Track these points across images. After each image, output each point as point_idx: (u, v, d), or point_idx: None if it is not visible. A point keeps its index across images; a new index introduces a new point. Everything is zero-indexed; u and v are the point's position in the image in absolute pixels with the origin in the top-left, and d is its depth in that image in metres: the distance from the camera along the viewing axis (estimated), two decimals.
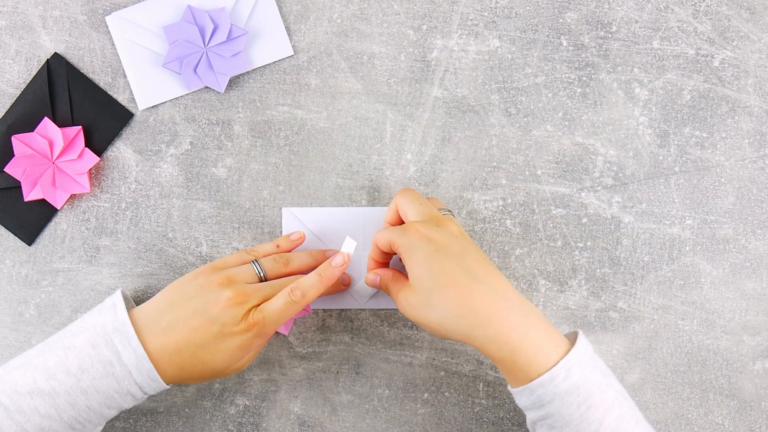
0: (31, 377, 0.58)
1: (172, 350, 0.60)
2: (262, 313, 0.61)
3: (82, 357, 0.58)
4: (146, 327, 0.60)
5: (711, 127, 0.71)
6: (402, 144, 0.72)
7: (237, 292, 0.61)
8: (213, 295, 0.61)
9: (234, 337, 0.60)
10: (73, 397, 0.58)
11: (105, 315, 0.60)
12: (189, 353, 0.60)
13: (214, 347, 0.60)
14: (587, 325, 0.71)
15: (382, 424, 0.71)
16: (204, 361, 0.61)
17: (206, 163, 0.71)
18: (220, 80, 0.70)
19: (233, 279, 0.62)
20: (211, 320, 0.60)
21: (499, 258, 0.71)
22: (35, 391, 0.58)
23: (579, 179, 0.71)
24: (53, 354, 0.59)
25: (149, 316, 0.61)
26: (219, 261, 0.65)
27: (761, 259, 0.71)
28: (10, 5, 0.71)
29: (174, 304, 0.61)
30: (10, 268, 0.71)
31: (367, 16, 0.72)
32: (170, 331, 0.60)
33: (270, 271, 0.64)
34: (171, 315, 0.60)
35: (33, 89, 0.70)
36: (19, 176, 0.69)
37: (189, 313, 0.60)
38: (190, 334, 0.60)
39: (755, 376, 0.71)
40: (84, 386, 0.58)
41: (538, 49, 0.72)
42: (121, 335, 0.59)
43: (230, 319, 0.60)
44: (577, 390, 0.56)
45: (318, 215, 0.71)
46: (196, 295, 0.61)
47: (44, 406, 0.58)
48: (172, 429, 0.71)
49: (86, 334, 0.59)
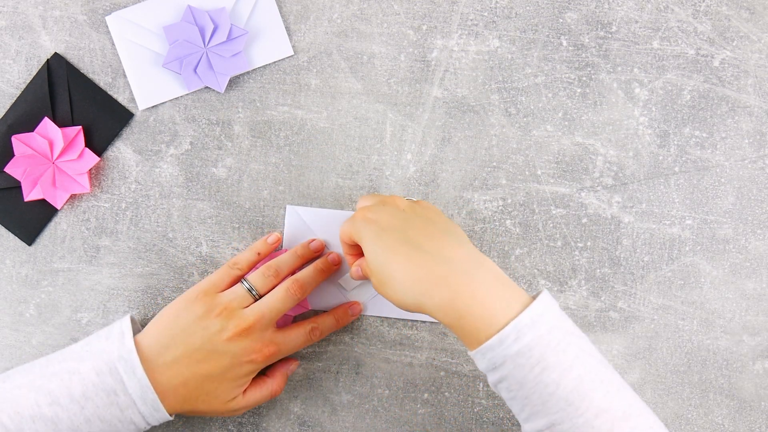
0: (33, 400, 0.58)
1: (178, 383, 0.61)
2: (277, 345, 0.64)
3: (86, 384, 0.58)
4: (151, 361, 0.60)
5: (711, 127, 0.72)
6: (402, 144, 0.72)
7: (239, 323, 0.62)
8: (216, 328, 0.62)
9: (243, 366, 0.63)
10: (75, 425, 0.58)
11: (112, 342, 0.61)
12: (195, 385, 0.61)
13: (222, 376, 0.62)
14: (587, 325, 0.71)
15: (382, 424, 0.71)
16: (208, 391, 0.62)
17: (206, 163, 0.71)
18: (220, 80, 0.70)
19: (230, 308, 0.63)
20: (218, 353, 0.61)
21: (499, 258, 0.71)
22: (38, 416, 0.58)
23: (579, 179, 0.71)
24: (57, 377, 0.59)
25: (152, 350, 0.61)
26: (207, 284, 0.65)
27: (761, 259, 0.71)
28: (10, 5, 0.71)
29: (175, 338, 0.62)
30: (10, 268, 0.71)
31: (367, 16, 0.72)
32: (176, 366, 0.61)
33: (262, 288, 0.65)
34: (175, 350, 0.61)
35: (33, 89, 0.70)
36: (19, 176, 0.69)
37: (194, 348, 0.61)
38: (197, 368, 0.61)
39: (755, 376, 0.71)
40: (87, 414, 0.58)
41: (538, 49, 0.72)
42: (126, 364, 0.59)
43: (239, 350, 0.62)
44: (530, 351, 0.53)
45: (321, 216, 0.71)
46: (197, 329, 0.62)
47: (46, 431, 0.58)
48: (172, 429, 0.71)
49: (91, 360, 0.59)
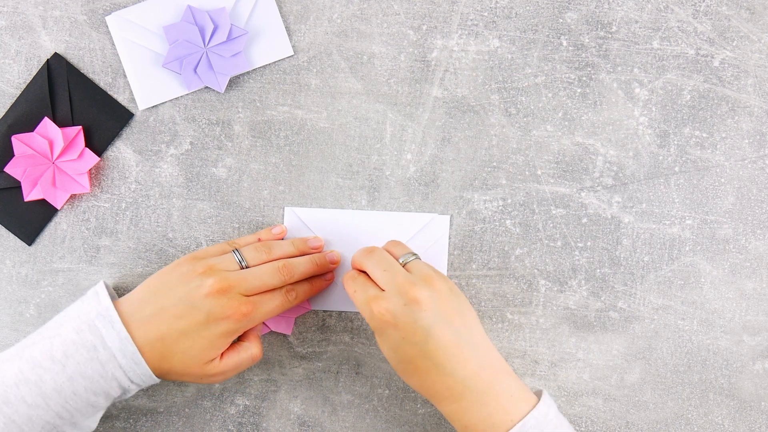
0: (17, 367, 0.59)
1: (155, 338, 0.61)
2: (253, 304, 0.63)
3: (66, 344, 0.59)
4: (129, 316, 0.61)
5: (711, 127, 0.72)
6: (402, 144, 0.72)
7: (220, 280, 0.62)
8: (196, 284, 0.62)
9: (219, 324, 0.62)
10: (59, 384, 0.58)
11: (88, 303, 0.61)
12: (171, 340, 0.61)
13: (197, 334, 0.61)
14: (587, 325, 0.71)
15: (382, 424, 0.71)
16: (184, 349, 0.61)
17: (206, 163, 0.71)
18: (220, 80, 0.70)
19: (215, 267, 0.63)
20: (195, 308, 0.61)
21: (499, 258, 0.71)
22: (21, 381, 0.58)
23: (579, 179, 0.71)
24: (38, 345, 0.60)
25: (132, 305, 0.62)
26: (199, 251, 0.66)
27: (761, 259, 0.71)
28: (10, 5, 0.71)
29: (157, 293, 0.62)
30: (10, 268, 0.71)
31: (367, 16, 0.72)
32: (153, 320, 0.61)
33: (252, 260, 0.65)
34: (154, 304, 0.61)
35: (33, 89, 0.70)
36: (19, 176, 0.69)
37: (173, 302, 0.61)
38: (174, 322, 0.61)
39: (755, 376, 0.71)
40: (69, 372, 0.59)
41: (538, 49, 0.72)
42: (105, 320, 0.60)
43: (216, 307, 0.61)
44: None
45: (320, 216, 0.71)
46: (179, 284, 0.62)
47: (30, 395, 0.58)
48: (172, 429, 0.71)
49: (70, 322, 0.60)
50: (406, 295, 0.60)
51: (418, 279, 0.61)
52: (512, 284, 0.71)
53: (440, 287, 0.61)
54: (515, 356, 0.71)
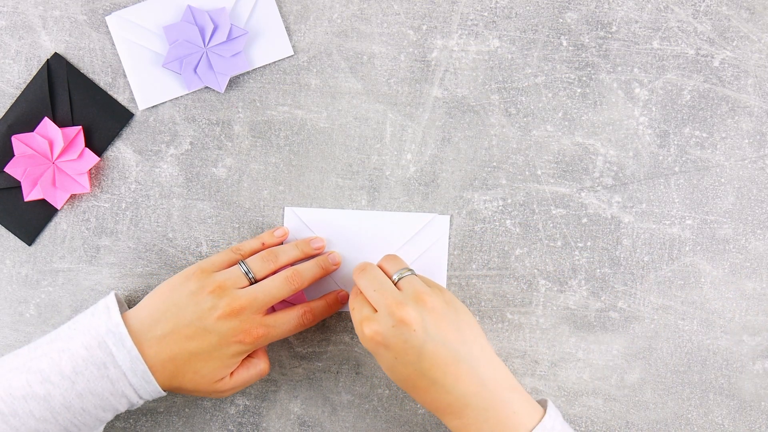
0: (25, 380, 0.58)
1: (166, 358, 0.61)
2: (266, 328, 0.63)
3: (75, 359, 0.59)
4: (141, 335, 0.60)
5: (711, 127, 0.72)
6: (402, 144, 0.72)
7: (231, 302, 0.62)
8: (207, 305, 0.61)
9: (231, 346, 0.62)
10: (68, 400, 0.58)
11: (98, 318, 0.61)
12: (183, 361, 0.61)
13: (209, 355, 0.61)
14: (587, 325, 0.71)
15: (382, 424, 0.71)
16: (195, 369, 0.62)
17: (206, 163, 0.71)
18: (220, 80, 0.70)
19: (224, 286, 0.63)
20: (207, 331, 0.61)
21: (499, 258, 0.71)
22: (29, 395, 0.58)
23: (579, 179, 0.71)
24: (47, 357, 0.59)
25: (143, 324, 0.61)
26: (206, 263, 0.65)
27: (761, 259, 0.71)
28: (10, 5, 0.71)
29: (167, 312, 0.62)
30: (10, 268, 0.71)
31: (367, 16, 0.72)
32: (165, 340, 0.61)
33: (259, 272, 0.65)
34: (165, 324, 0.61)
35: (33, 89, 0.70)
36: (19, 176, 0.69)
37: (184, 323, 0.61)
38: (186, 344, 0.61)
39: (755, 376, 0.71)
40: (79, 389, 0.58)
41: (538, 49, 0.72)
42: (115, 337, 0.59)
43: (229, 330, 0.61)
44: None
45: (320, 216, 0.71)
46: (189, 304, 0.62)
47: (39, 409, 0.58)
48: (172, 429, 0.71)
49: (80, 337, 0.60)
50: (393, 316, 0.59)
51: (408, 298, 0.60)
52: (512, 284, 0.71)
53: (433, 303, 0.60)
54: (515, 356, 0.71)
